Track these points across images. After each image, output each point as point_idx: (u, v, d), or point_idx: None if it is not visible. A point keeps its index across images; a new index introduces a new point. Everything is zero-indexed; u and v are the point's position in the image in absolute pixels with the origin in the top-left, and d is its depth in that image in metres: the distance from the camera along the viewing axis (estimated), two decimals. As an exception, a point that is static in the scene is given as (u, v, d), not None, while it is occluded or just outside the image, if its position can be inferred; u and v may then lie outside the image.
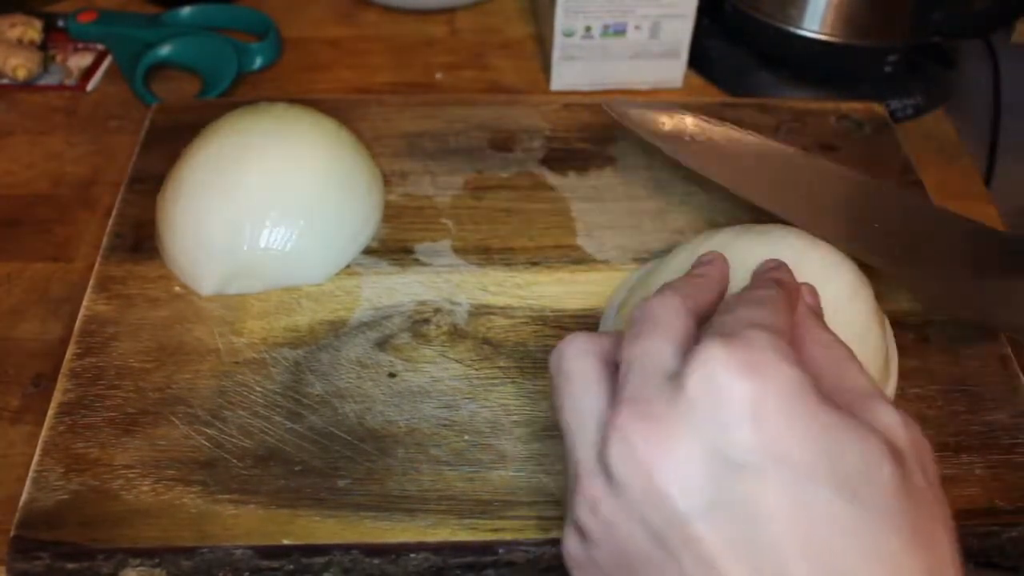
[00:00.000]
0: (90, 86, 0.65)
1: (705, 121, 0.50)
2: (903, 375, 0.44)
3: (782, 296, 0.33)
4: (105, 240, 0.49)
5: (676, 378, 0.29)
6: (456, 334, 0.46)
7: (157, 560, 0.38)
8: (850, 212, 0.48)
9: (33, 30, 0.66)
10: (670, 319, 0.32)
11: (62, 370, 0.43)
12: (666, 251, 0.48)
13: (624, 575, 0.29)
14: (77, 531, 0.38)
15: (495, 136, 0.57)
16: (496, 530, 0.38)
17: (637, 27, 0.63)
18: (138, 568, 0.38)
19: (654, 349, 0.31)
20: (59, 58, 0.67)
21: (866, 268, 0.44)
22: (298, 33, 0.70)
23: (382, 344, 0.45)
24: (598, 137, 0.57)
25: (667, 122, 0.50)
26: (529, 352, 0.45)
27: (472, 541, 0.38)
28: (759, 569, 0.27)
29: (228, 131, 0.48)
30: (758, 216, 0.52)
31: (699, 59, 0.67)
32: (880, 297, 0.45)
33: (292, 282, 0.47)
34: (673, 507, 0.28)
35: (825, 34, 0.63)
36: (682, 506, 0.27)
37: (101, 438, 0.41)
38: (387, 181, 0.53)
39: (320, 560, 0.38)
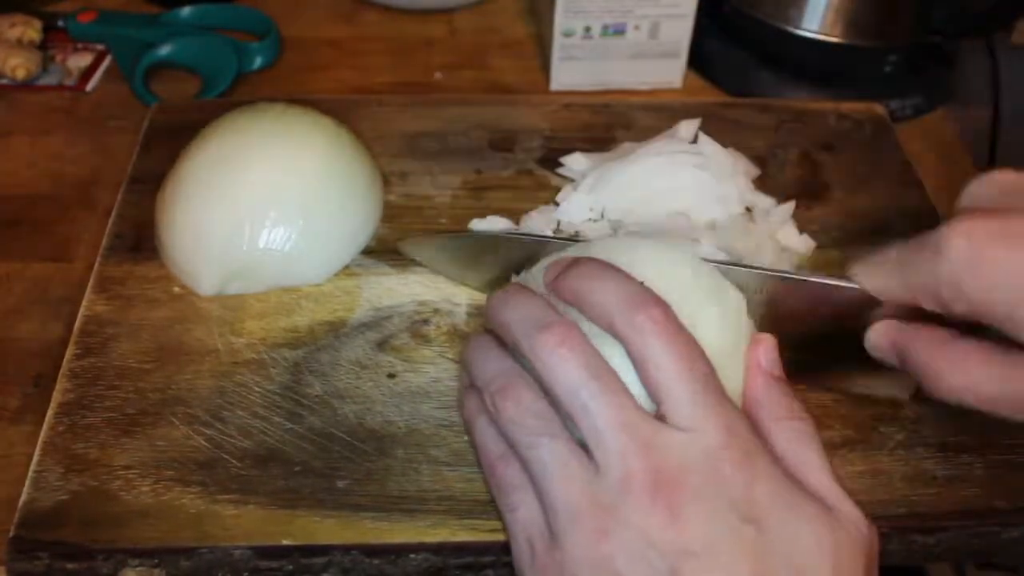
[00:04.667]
0: (90, 86, 0.65)
1: None
2: (904, 374, 0.44)
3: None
4: (105, 240, 0.49)
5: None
6: (456, 334, 0.46)
7: (157, 560, 0.38)
8: None
9: (33, 30, 0.66)
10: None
11: (62, 370, 0.43)
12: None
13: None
14: (77, 531, 0.38)
15: (495, 136, 0.57)
16: (496, 530, 0.38)
17: (637, 27, 0.63)
18: (138, 568, 0.38)
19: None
20: (59, 58, 0.67)
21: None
22: (298, 33, 0.70)
23: (382, 344, 0.45)
24: (598, 137, 0.57)
25: None
26: (529, 352, 0.45)
27: (472, 541, 0.38)
28: None
29: (228, 131, 0.48)
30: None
31: (699, 59, 0.67)
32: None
33: (292, 282, 0.47)
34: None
35: (825, 34, 0.63)
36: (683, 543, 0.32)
37: (101, 438, 0.41)
38: (387, 181, 0.53)
39: (320, 560, 0.38)
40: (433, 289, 0.48)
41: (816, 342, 0.40)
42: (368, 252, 0.49)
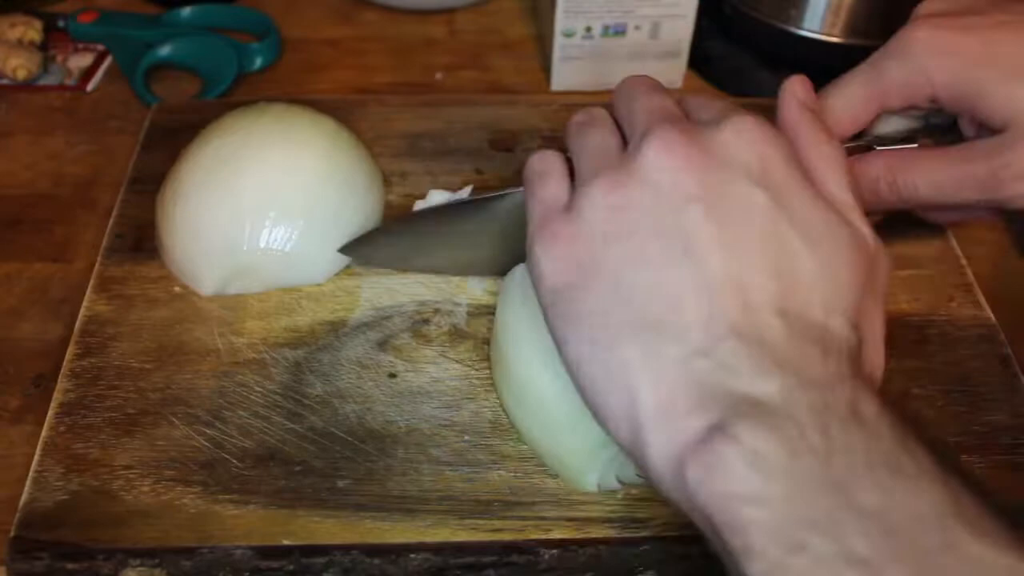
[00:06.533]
0: (90, 86, 0.65)
1: None
2: (904, 374, 0.44)
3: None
4: (105, 240, 0.49)
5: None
6: (456, 334, 0.46)
7: (157, 560, 0.38)
8: None
9: (33, 30, 0.66)
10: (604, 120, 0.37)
11: (62, 370, 0.43)
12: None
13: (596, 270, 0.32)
14: (77, 531, 0.38)
15: (495, 136, 0.57)
16: (496, 530, 0.38)
17: (637, 27, 0.63)
18: (138, 568, 0.38)
19: (600, 137, 0.36)
20: (59, 58, 0.67)
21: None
22: (298, 33, 0.70)
23: (382, 344, 0.45)
24: (598, 137, 0.57)
25: None
26: (529, 352, 0.45)
27: (472, 541, 0.38)
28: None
29: (228, 131, 0.48)
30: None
31: (699, 59, 0.67)
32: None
33: (292, 282, 0.47)
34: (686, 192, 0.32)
35: (825, 34, 0.63)
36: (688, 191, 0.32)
37: (101, 438, 0.41)
38: (387, 181, 0.53)
39: (320, 560, 0.38)
40: (434, 289, 0.48)
41: None
42: (368, 252, 0.49)
